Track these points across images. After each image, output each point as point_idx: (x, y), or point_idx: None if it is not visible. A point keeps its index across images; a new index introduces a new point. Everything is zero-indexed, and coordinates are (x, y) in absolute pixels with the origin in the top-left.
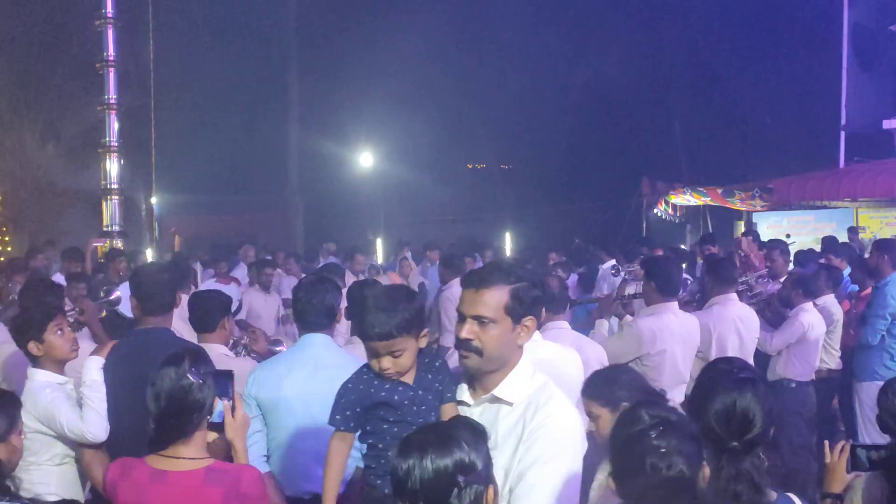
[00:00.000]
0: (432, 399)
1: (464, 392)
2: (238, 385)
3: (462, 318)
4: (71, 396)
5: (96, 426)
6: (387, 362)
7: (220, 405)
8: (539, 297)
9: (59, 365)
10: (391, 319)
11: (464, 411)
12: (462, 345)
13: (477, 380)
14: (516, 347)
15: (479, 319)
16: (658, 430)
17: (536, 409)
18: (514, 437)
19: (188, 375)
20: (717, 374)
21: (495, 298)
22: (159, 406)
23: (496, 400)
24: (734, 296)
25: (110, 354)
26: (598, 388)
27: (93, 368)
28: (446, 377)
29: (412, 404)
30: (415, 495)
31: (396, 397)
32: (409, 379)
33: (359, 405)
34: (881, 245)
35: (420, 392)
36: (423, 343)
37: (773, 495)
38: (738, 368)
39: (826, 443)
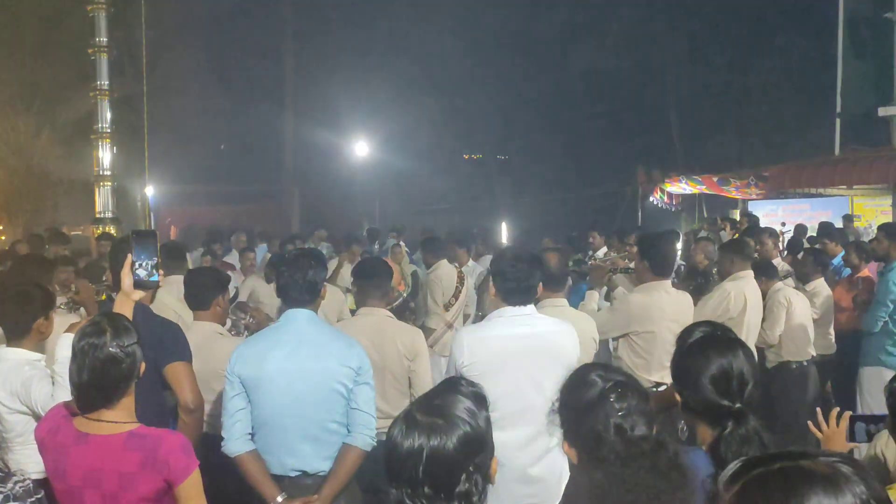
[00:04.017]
0: None
1: None
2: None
3: None
4: (47, 374)
5: None
6: None
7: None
8: None
9: (40, 343)
10: None
11: None
12: None
13: None
14: None
15: None
16: (616, 391)
17: None
18: None
19: (110, 349)
20: (703, 338)
21: None
22: (81, 380)
23: None
24: (752, 272)
25: None
26: None
27: (66, 346)
28: None
29: None
30: (415, 480)
31: None
32: None
33: None
34: (890, 230)
35: None
36: None
37: None
38: (720, 331)
39: (819, 410)
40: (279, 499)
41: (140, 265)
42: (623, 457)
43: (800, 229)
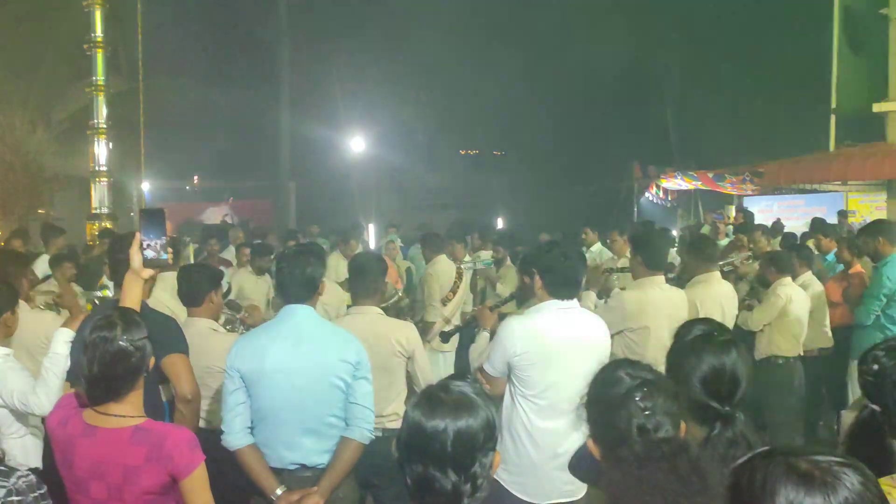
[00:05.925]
0: None
1: None
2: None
3: None
4: (19, 367)
5: (43, 400)
6: None
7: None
8: None
9: (6, 337)
10: None
11: None
12: None
13: None
14: None
15: None
16: (642, 391)
17: None
18: None
19: (120, 342)
20: (699, 337)
21: None
22: (91, 373)
23: None
24: (717, 273)
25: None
26: None
27: (59, 341)
28: None
29: None
30: (443, 458)
31: None
32: None
33: None
34: (872, 230)
35: None
36: None
37: None
38: (717, 330)
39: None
40: (279, 491)
41: (149, 244)
42: (641, 458)
43: (777, 225)
